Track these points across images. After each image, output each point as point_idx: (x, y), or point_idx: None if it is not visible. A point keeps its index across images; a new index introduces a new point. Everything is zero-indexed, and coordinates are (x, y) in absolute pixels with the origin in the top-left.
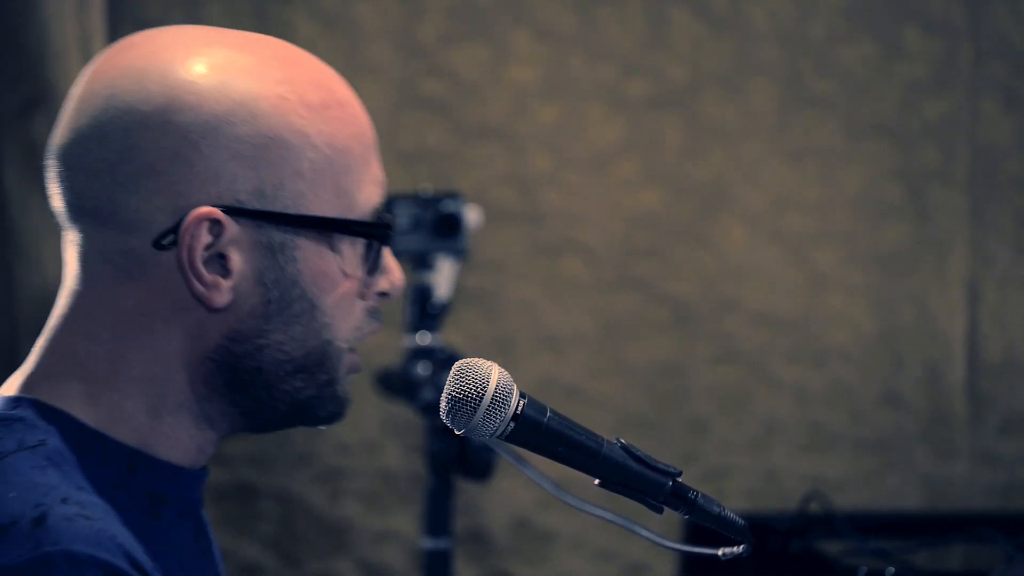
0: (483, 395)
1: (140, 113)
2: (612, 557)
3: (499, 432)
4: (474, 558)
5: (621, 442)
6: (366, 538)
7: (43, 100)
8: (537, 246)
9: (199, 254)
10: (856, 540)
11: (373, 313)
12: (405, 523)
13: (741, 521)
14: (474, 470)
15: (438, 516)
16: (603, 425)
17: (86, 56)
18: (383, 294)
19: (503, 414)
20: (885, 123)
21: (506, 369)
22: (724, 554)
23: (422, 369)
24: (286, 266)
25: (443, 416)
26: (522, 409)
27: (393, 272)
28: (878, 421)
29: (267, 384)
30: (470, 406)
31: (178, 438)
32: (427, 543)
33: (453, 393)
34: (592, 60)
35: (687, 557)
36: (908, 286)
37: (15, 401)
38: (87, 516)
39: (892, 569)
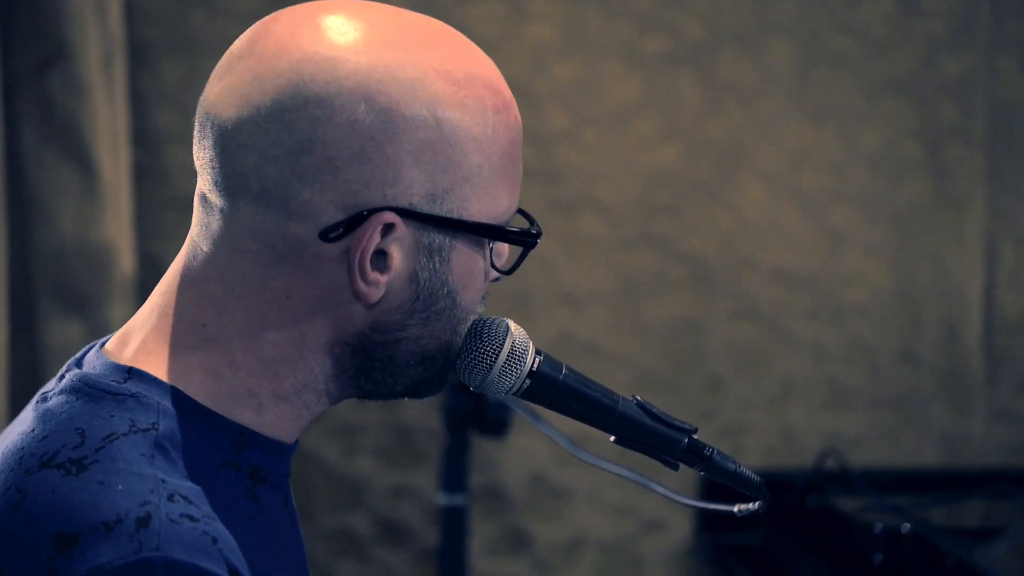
0: (499, 352)
1: (330, 108)
2: (628, 513)
3: (515, 389)
4: (490, 514)
5: (637, 399)
6: (382, 494)
7: (59, 59)
8: (554, 203)
9: (370, 253)
10: (872, 496)
11: (485, 295)
12: (421, 479)
13: (757, 478)
14: (490, 426)
15: (454, 472)
16: (620, 382)
17: (102, 15)
18: (495, 280)
19: (519, 371)
20: (903, 81)
21: (523, 326)
22: (740, 510)
23: None
24: (440, 267)
25: (459, 373)
26: (538, 366)
27: (505, 256)
28: (895, 378)
29: (395, 371)
30: (486, 363)
31: (293, 417)
32: (443, 499)
33: (469, 350)
34: (609, 17)
35: (703, 513)
36: (925, 244)
37: (127, 372)
38: (191, 516)
39: (908, 525)
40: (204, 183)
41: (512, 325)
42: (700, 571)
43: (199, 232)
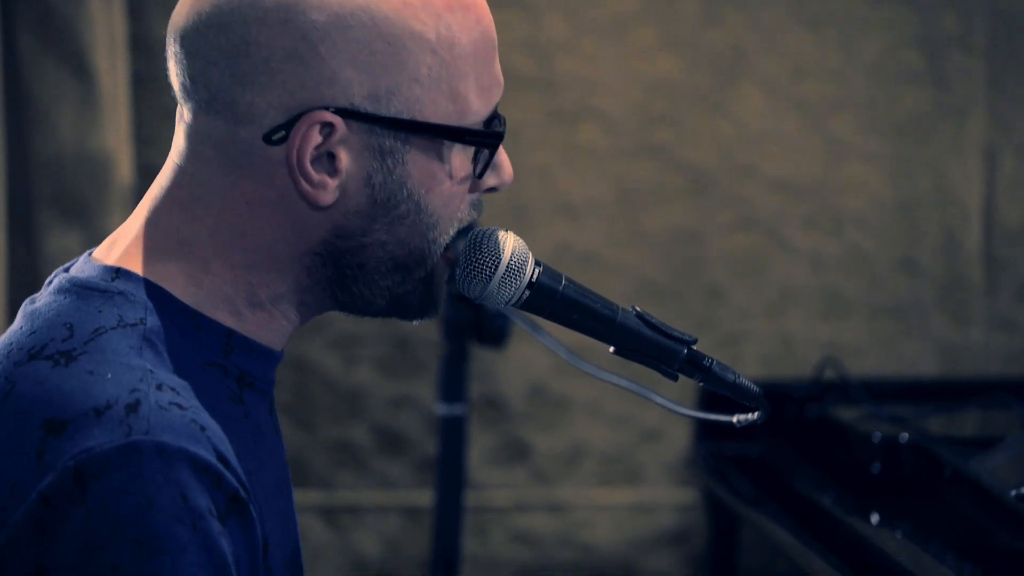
0: (498, 263)
1: (262, 8)
2: (627, 423)
3: (514, 300)
4: (489, 424)
5: (636, 310)
6: (381, 404)
7: None
8: (553, 113)
9: (308, 154)
10: (871, 406)
11: (475, 204)
12: (421, 389)
13: (756, 388)
14: (489, 337)
15: (453, 382)
16: (619, 292)
17: None
18: (492, 189)
19: (518, 282)
20: None
21: (522, 237)
22: (739, 421)
23: None
24: (395, 169)
25: (458, 284)
26: (537, 277)
27: (504, 169)
28: (894, 288)
29: (368, 280)
30: (485, 274)
31: (273, 325)
32: (442, 409)
33: (469, 261)
34: None
35: (702, 424)
36: (925, 153)
37: (115, 272)
38: (180, 405)
39: (906, 435)
40: (176, 96)
41: (511, 236)
42: (699, 481)
43: (174, 142)
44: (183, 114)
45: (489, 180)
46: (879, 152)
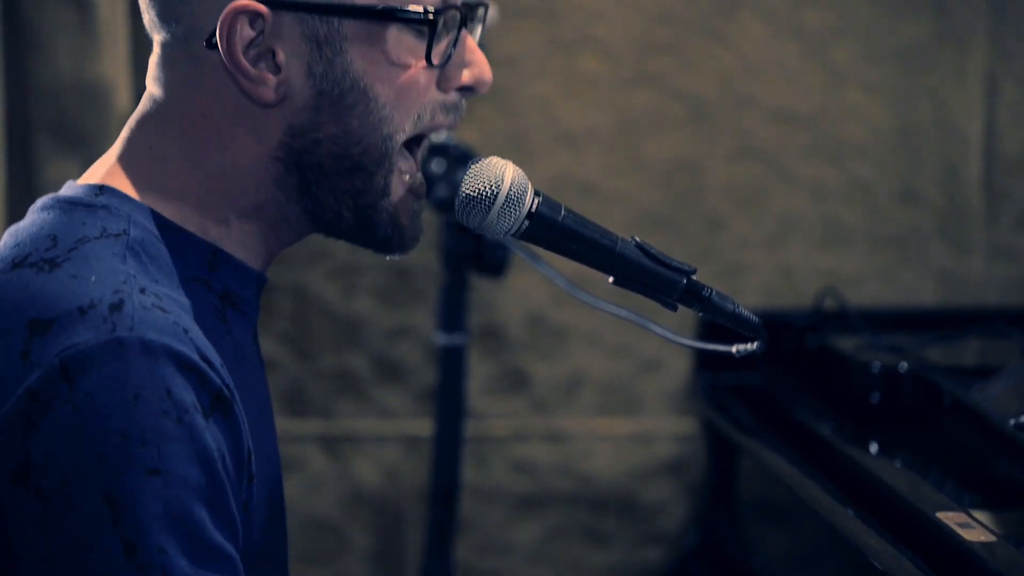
0: (497, 193)
1: None
2: (626, 353)
3: (513, 230)
4: (488, 353)
5: (636, 240)
6: (380, 334)
7: None
8: (553, 42)
9: (239, 48)
10: (870, 336)
11: (450, 107)
12: (420, 319)
13: (755, 318)
14: (489, 266)
15: (453, 312)
16: (618, 222)
17: None
18: (467, 88)
19: (517, 212)
20: None
21: (521, 166)
22: (738, 351)
23: (436, 166)
24: (334, 58)
25: (458, 214)
26: (536, 207)
27: (476, 66)
28: (894, 217)
29: (330, 185)
30: (485, 204)
31: (250, 243)
32: (442, 339)
33: (468, 191)
34: None
35: (701, 354)
36: (926, 81)
37: (98, 189)
38: (163, 308)
39: (905, 364)
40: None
41: (511, 166)
42: (698, 410)
43: (147, 75)
44: (153, 46)
45: (461, 77)
46: (879, 81)
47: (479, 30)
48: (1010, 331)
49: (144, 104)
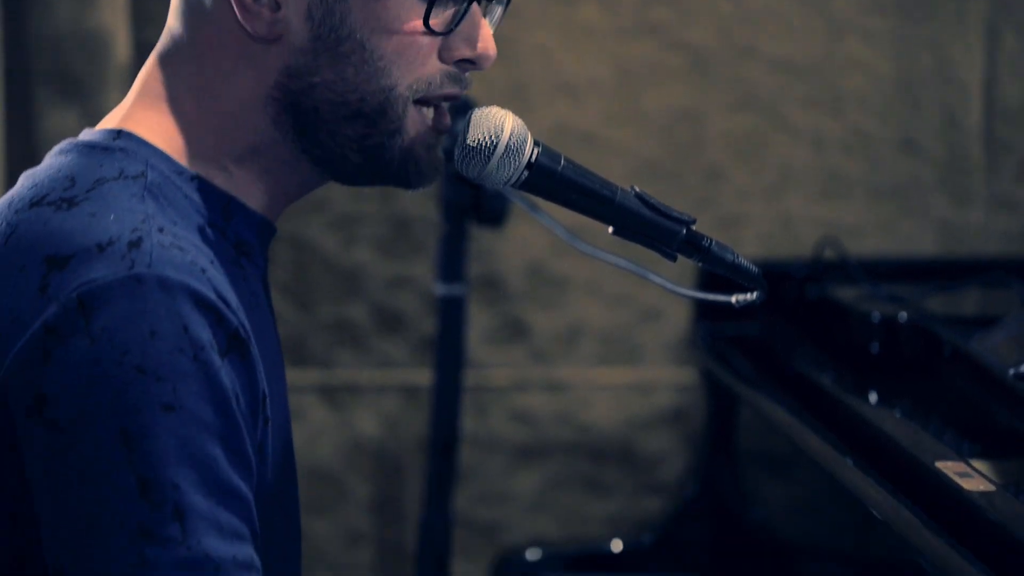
0: (497, 143)
1: None
2: (626, 303)
3: (513, 180)
4: (488, 303)
5: (636, 190)
6: (380, 284)
7: None
8: None
9: None
10: (870, 286)
11: (454, 77)
12: (419, 269)
13: (755, 268)
14: (488, 216)
15: (452, 262)
16: (618, 172)
17: None
18: (467, 61)
19: (517, 162)
20: None
21: (521, 116)
22: (738, 301)
23: None
24: (334, 5)
25: (457, 164)
26: (536, 157)
27: (481, 41)
28: (894, 167)
29: (329, 129)
30: (484, 154)
31: (256, 192)
32: (441, 289)
33: (467, 141)
34: None
35: (701, 304)
36: (926, 31)
37: (116, 133)
38: (181, 247)
39: (905, 314)
40: None
41: (510, 116)
42: (697, 360)
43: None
44: None
45: (459, 47)
46: (879, 30)
47: (499, 12)
48: (1010, 281)
49: (163, 40)
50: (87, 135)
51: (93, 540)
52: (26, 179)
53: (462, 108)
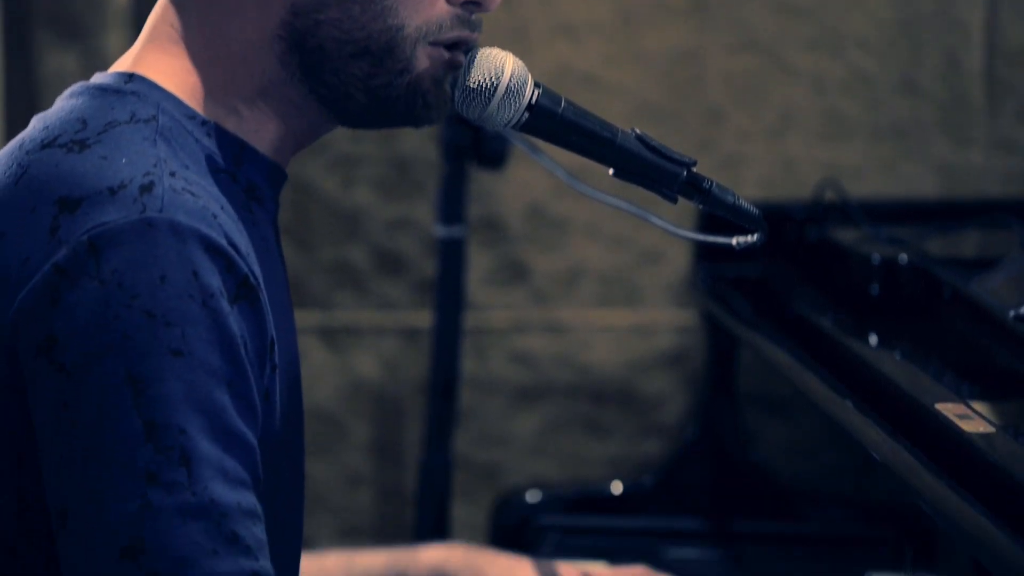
0: (497, 85)
1: None
2: (626, 245)
3: (513, 122)
4: (488, 245)
5: (636, 132)
6: (380, 226)
7: None
8: None
9: None
10: (870, 228)
11: (463, 20)
12: (419, 211)
13: (755, 210)
14: (488, 158)
15: (452, 204)
16: (618, 113)
17: None
18: (472, 3)
19: (517, 104)
20: None
21: (521, 58)
22: (738, 243)
23: None
24: None
25: (457, 105)
26: (536, 99)
27: None
28: (895, 109)
29: (334, 67)
30: (484, 96)
31: (265, 136)
32: (441, 231)
33: (467, 83)
34: None
35: (701, 246)
36: None
37: (128, 76)
38: (192, 192)
39: (905, 256)
40: None
41: (510, 57)
42: (698, 302)
43: None
44: None
45: None
46: None
47: None
48: (1010, 222)
49: None
50: (99, 78)
51: (97, 483)
52: (37, 121)
53: (462, 48)
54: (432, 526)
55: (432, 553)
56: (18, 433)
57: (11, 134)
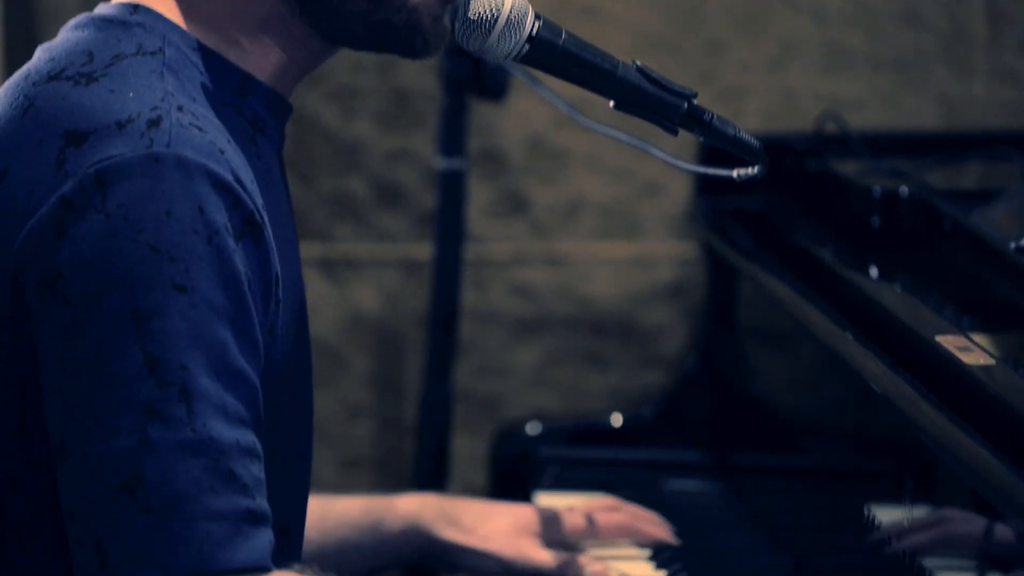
0: (498, 17)
1: None
2: (626, 177)
3: (514, 54)
4: (488, 177)
5: (637, 64)
6: (380, 157)
7: None
8: None
9: None
10: (871, 159)
11: None
12: (420, 142)
13: (756, 142)
14: (489, 90)
15: (453, 136)
16: (618, 45)
17: None
18: None
19: (518, 36)
20: None
21: None
22: (739, 175)
23: None
24: None
25: (457, 37)
26: (537, 31)
27: None
28: (896, 40)
29: (332, 4)
30: (485, 28)
31: (268, 67)
32: (441, 163)
33: (468, 14)
34: None
35: (702, 178)
36: None
37: (132, 8)
38: (200, 127)
39: (906, 188)
40: None
41: None
42: (699, 234)
43: None
44: None
45: None
46: None
47: None
48: (1011, 154)
49: None
50: (103, 9)
51: (97, 416)
52: (43, 52)
53: None
54: (432, 458)
55: (407, 501)
56: (23, 364)
57: (11, 65)
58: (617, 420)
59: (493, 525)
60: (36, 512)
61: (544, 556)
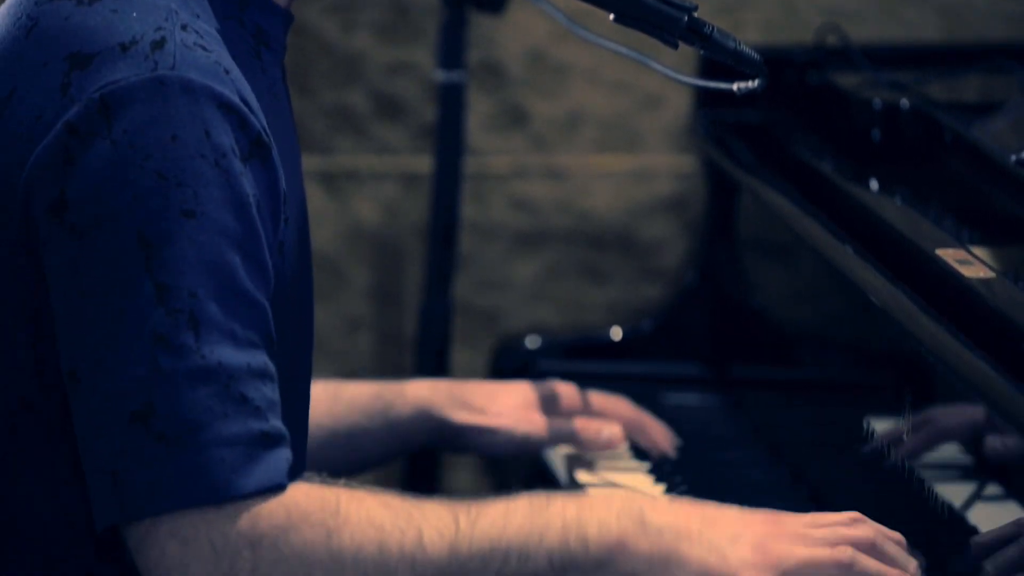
0: None
1: None
2: (626, 90)
3: None
4: (488, 91)
5: None
6: (380, 70)
7: None
8: None
9: None
10: (872, 72)
11: None
12: (419, 56)
13: (756, 55)
14: (488, 2)
15: (452, 48)
16: None
17: None
18: None
19: None
20: None
21: None
22: (739, 88)
23: None
24: None
25: None
26: None
27: None
28: None
29: None
30: None
31: None
32: (441, 76)
33: None
34: None
35: (702, 91)
36: None
37: None
38: (204, 47)
39: (907, 101)
40: None
41: None
42: (699, 147)
43: None
44: None
45: None
46: None
47: None
48: (1013, 66)
49: None
50: None
51: (107, 345)
52: None
53: None
54: (432, 371)
55: (417, 387)
56: (34, 291)
57: None
58: (616, 334)
59: (502, 403)
60: (51, 441)
61: (557, 424)
